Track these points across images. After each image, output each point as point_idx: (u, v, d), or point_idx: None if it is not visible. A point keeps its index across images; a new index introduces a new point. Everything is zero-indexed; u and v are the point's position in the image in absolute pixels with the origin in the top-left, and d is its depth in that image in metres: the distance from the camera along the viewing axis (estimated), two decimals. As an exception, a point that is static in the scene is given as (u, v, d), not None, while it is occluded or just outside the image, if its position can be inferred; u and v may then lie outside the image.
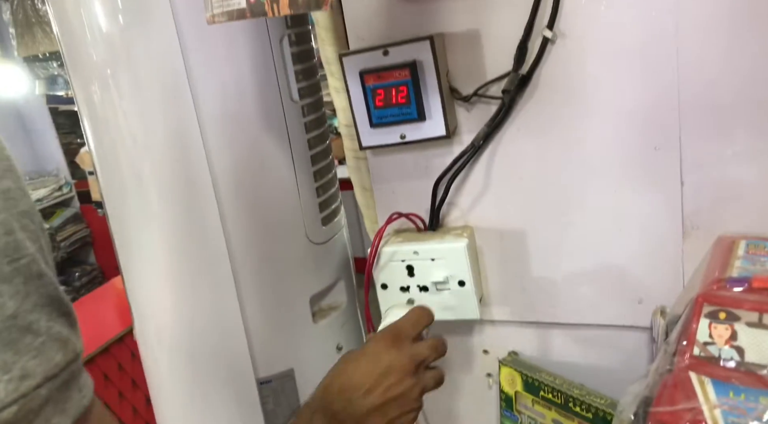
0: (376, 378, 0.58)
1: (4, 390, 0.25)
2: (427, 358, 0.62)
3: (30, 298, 0.28)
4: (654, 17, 0.61)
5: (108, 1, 0.75)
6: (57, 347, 0.28)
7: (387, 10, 0.71)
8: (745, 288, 0.48)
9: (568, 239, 0.71)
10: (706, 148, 0.63)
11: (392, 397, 0.58)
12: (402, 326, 0.63)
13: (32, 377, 0.27)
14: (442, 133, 0.70)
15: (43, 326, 0.28)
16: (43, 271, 0.29)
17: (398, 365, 0.59)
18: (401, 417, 0.59)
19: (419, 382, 0.60)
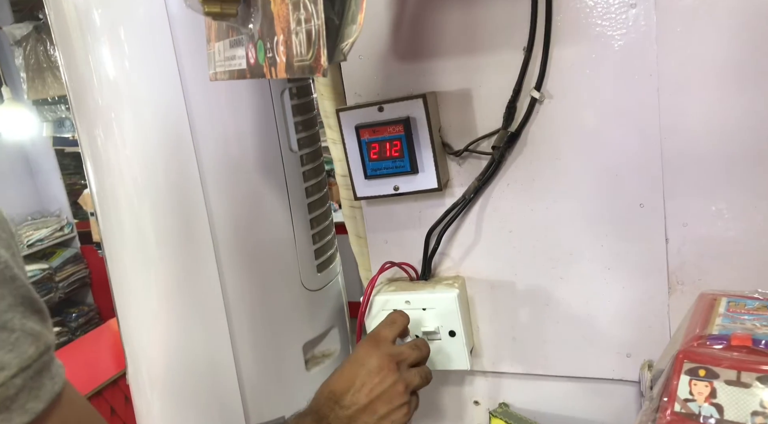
0: (360, 379, 0.61)
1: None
2: (408, 356, 0.65)
3: (5, 300, 0.31)
4: (636, 80, 0.64)
5: (116, 48, 0.79)
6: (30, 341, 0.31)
7: (383, 69, 0.75)
8: (725, 346, 0.49)
9: (558, 291, 0.73)
10: (689, 206, 0.65)
11: (377, 395, 0.61)
12: (379, 330, 0.67)
13: (8, 368, 0.29)
14: (434, 186, 0.72)
15: (17, 323, 0.31)
16: (16, 275, 0.32)
17: (378, 364, 0.62)
18: (391, 414, 0.61)
19: (402, 378, 0.62)
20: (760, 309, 0.54)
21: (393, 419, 0.61)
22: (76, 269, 3.55)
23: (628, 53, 0.64)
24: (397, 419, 0.61)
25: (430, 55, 0.72)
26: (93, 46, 0.79)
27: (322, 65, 0.37)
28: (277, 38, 0.43)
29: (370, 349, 0.64)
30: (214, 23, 0.57)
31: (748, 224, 0.63)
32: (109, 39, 0.79)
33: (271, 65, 0.45)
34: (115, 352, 2.40)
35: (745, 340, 0.48)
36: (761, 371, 0.45)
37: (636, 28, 0.63)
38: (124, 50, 0.79)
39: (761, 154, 0.61)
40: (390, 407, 0.61)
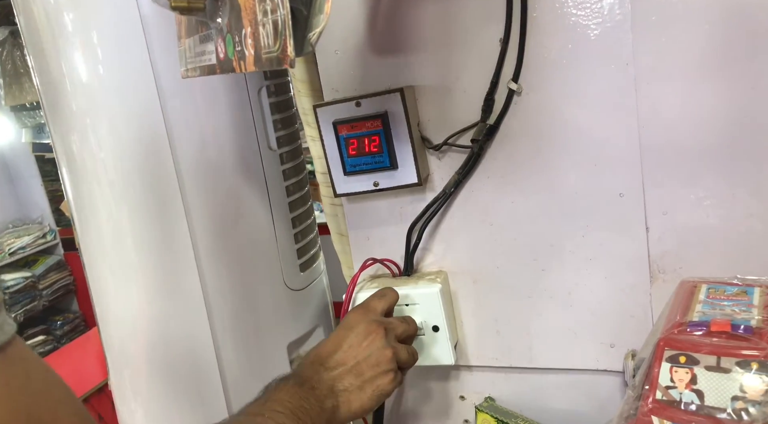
0: (348, 342, 0.60)
1: None
2: (396, 327, 0.64)
3: None
4: (613, 69, 0.64)
5: (89, 53, 0.77)
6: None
7: (360, 63, 0.74)
8: (704, 332, 0.49)
9: (540, 283, 0.72)
10: (668, 195, 0.65)
11: (364, 357, 0.60)
12: (369, 300, 0.66)
13: None
14: (414, 181, 0.72)
15: None
16: None
17: (366, 328, 0.61)
18: (377, 378, 0.59)
19: (390, 345, 0.61)
20: (739, 294, 0.54)
21: (378, 383, 0.60)
22: (60, 276, 3.51)
23: (604, 43, 0.63)
24: (382, 385, 0.60)
25: (407, 48, 0.72)
26: (65, 50, 0.78)
27: (288, 56, 0.36)
28: (245, 31, 0.42)
29: (359, 316, 0.63)
30: (183, 19, 0.56)
31: (727, 211, 0.63)
32: (82, 43, 0.77)
33: (240, 59, 0.44)
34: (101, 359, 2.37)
35: (724, 325, 0.48)
36: (740, 355, 0.45)
37: (611, 17, 0.63)
38: (97, 54, 0.78)
39: (738, 141, 0.61)
40: (377, 371, 0.60)
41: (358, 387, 0.59)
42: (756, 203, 0.61)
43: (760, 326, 0.48)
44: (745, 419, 0.41)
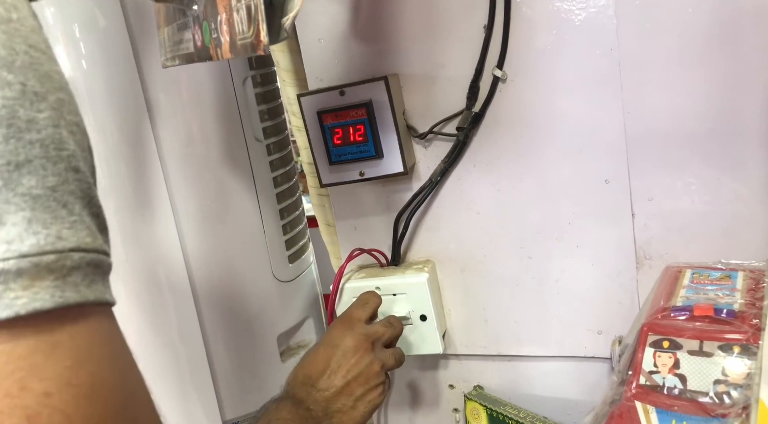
0: (336, 361, 0.61)
1: (44, 240, 0.27)
2: (382, 335, 0.65)
3: (68, 184, 0.29)
4: (597, 55, 0.64)
5: (71, 47, 0.76)
6: (87, 234, 0.29)
7: (344, 52, 0.73)
8: (687, 317, 0.49)
9: (527, 271, 0.72)
10: (654, 180, 0.65)
11: (354, 376, 0.60)
12: (352, 310, 0.66)
13: (67, 241, 0.28)
14: (400, 170, 0.71)
15: (77, 211, 0.29)
16: (82, 169, 0.30)
17: (353, 345, 0.61)
18: (368, 394, 0.61)
19: (377, 358, 0.62)
20: (722, 279, 0.54)
21: (369, 399, 0.61)
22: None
23: (588, 28, 0.63)
24: (373, 399, 0.61)
25: (392, 36, 0.71)
26: (47, 45, 0.77)
27: (262, 42, 0.36)
28: (220, 17, 0.41)
29: (344, 330, 0.63)
30: (162, 7, 0.55)
31: (713, 196, 0.63)
32: (64, 37, 0.76)
33: (217, 46, 0.44)
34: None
35: (707, 310, 0.48)
36: (723, 339, 0.45)
37: (595, 2, 0.62)
38: (80, 48, 0.77)
39: (722, 126, 0.61)
40: (366, 388, 0.61)
41: (351, 407, 0.60)
42: (740, 187, 0.61)
43: (743, 309, 0.48)
44: (727, 402, 0.41)
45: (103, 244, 0.31)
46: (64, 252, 0.28)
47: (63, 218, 0.28)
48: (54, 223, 0.28)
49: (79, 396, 0.28)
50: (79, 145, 0.31)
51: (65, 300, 0.27)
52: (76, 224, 0.29)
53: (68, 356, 0.28)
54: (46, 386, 0.27)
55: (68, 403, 0.27)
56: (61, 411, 0.27)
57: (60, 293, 0.27)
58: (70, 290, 0.28)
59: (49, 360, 0.27)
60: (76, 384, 0.28)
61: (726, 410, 0.40)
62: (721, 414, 0.40)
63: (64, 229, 0.28)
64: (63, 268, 0.28)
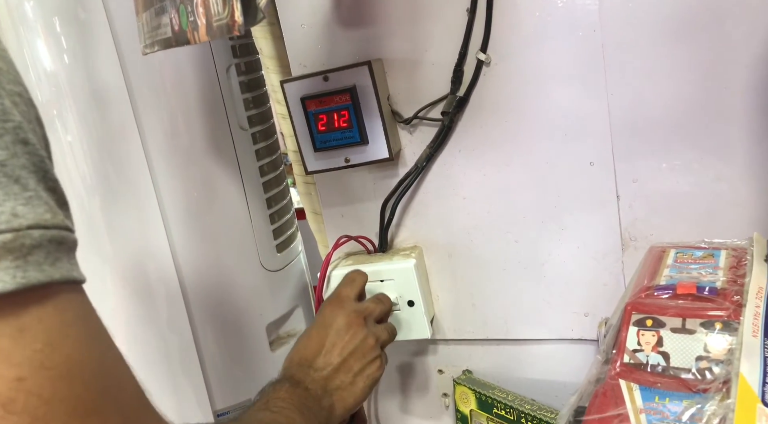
0: (330, 340, 0.60)
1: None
2: (373, 310, 0.65)
3: (18, 158, 0.27)
4: (580, 36, 0.63)
5: (52, 42, 0.75)
6: (46, 209, 0.28)
7: (327, 37, 0.73)
8: (671, 295, 0.49)
9: (514, 255, 0.72)
10: (638, 162, 0.65)
11: (349, 352, 0.60)
12: (340, 289, 0.66)
13: (23, 218, 0.26)
14: (386, 156, 0.71)
15: (32, 185, 0.27)
16: (31, 141, 0.28)
17: (346, 322, 0.61)
18: (366, 368, 0.60)
19: (371, 333, 0.62)
20: (705, 258, 0.54)
21: (368, 373, 0.61)
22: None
23: (571, 9, 0.63)
24: (371, 374, 0.61)
25: (375, 21, 0.70)
26: (27, 39, 0.76)
27: (237, 22, 0.35)
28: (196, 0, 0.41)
29: (335, 309, 0.63)
30: (139, -8, 0.54)
31: (696, 177, 0.63)
32: (44, 31, 0.75)
33: (194, 30, 0.43)
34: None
35: (690, 288, 0.48)
36: (705, 316, 0.45)
37: (577, -16, 0.62)
38: (61, 43, 0.76)
39: (706, 106, 0.61)
40: (364, 362, 0.60)
41: (350, 383, 0.59)
42: (724, 168, 0.61)
43: (725, 287, 0.48)
44: (709, 378, 0.42)
45: (65, 219, 0.29)
46: (21, 230, 0.26)
47: (16, 193, 0.27)
48: (7, 199, 0.26)
49: (55, 379, 0.27)
50: (25, 116, 0.29)
51: (28, 281, 0.26)
52: (32, 200, 0.27)
53: (38, 339, 0.27)
54: (18, 372, 0.26)
55: (44, 386, 0.27)
56: (37, 395, 0.26)
57: (22, 274, 0.26)
58: (32, 269, 0.26)
59: (17, 345, 0.26)
60: (50, 367, 0.27)
61: (707, 386, 0.40)
62: (702, 389, 0.41)
63: (19, 205, 0.26)
64: (22, 247, 0.26)
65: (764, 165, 0.60)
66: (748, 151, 0.60)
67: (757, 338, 0.42)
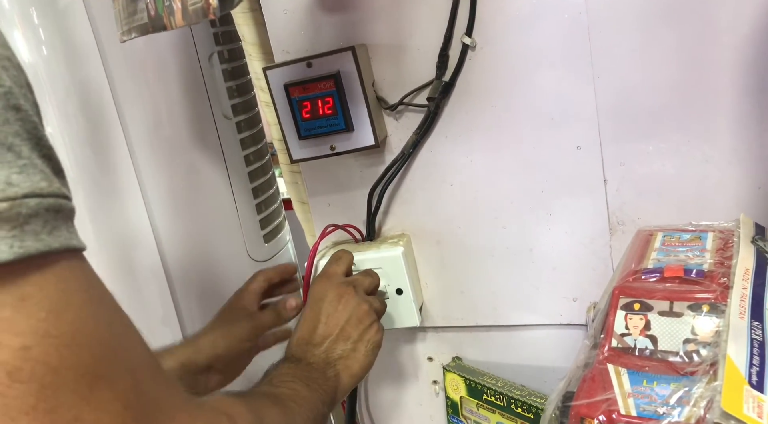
0: (324, 313, 0.60)
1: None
2: (362, 282, 0.65)
3: (10, 125, 0.27)
4: (566, 19, 0.63)
5: (30, 34, 0.73)
6: (41, 177, 0.27)
7: (310, 23, 0.72)
8: (658, 278, 0.49)
9: (502, 241, 0.72)
10: (625, 146, 0.64)
11: (345, 320, 0.60)
12: (327, 268, 0.66)
13: (18, 186, 0.26)
14: (371, 143, 0.70)
15: (26, 153, 0.27)
16: (24, 107, 0.28)
17: (336, 293, 0.61)
18: (365, 333, 0.60)
19: (363, 299, 0.62)
20: (693, 240, 0.54)
21: (368, 338, 0.61)
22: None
23: (556, -9, 0.62)
24: (371, 338, 0.61)
25: (358, 5, 0.69)
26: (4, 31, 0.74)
27: (211, 5, 0.34)
28: (171, -17, 0.40)
29: (324, 284, 0.63)
30: (114, -23, 0.53)
31: (683, 160, 0.63)
32: (21, 24, 0.73)
33: (170, 15, 0.42)
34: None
35: (678, 271, 0.48)
36: (692, 299, 0.45)
37: (562, -35, 0.61)
38: (39, 34, 0.74)
39: (692, 88, 0.60)
40: (361, 328, 0.61)
41: (352, 349, 0.59)
42: (710, 149, 0.61)
43: (712, 269, 0.48)
44: (696, 360, 0.42)
45: (61, 187, 0.29)
46: (17, 199, 0.26)
47: (10, 161, 0.26)
48: (0, 168, 0.26)
49: (61, 346, 0.27)
50: (15, 81, 0.28)
51: (26, 250, 0.26)
52: (26, 168, 0.26)
53: (41, 308, 0.26)
54: (22, 341, 0.26)
55: (50, 354, 0.26)
56: (43, 363, 0.26)
57: (19, 243, 0.26)
58: (29, 239, 0.26)
59: (19, 314, 0.26)
60: (56, 335, 0.27)
61: (695, 368, 0.40)
62: (690, 372, 0.40)
63: (14, 174, 0.26)
64: (18, 216, 0.26)
65: (750, 147, 0.59)
66: (734, 133, 0.60)
67: (744, 319, 0.42)
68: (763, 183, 0.60)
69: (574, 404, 0.43)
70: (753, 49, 0.57)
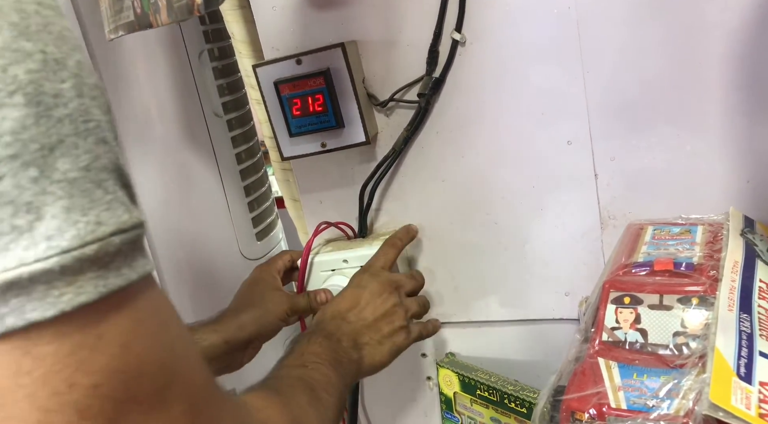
0: (364, 299, 0.62)
1: (84, 229, 0.26)
2: (405, 283, 0.67)
3: (100, 160, 0.27)
4: (555, 14, 0.63)
5: None
6: (123, 210, 0.28)
7: (299, 19, 0.71)
8: (648, 272, 0.49)
9: (494, 236, 0.72)
10: (615, 140, 0.64)
11: (381, 314, 0.62)
12: (373, 261, 0.68)
13: (106, 225, 0.26)
14: (362, 140, 0.70)
15: (111, 187, 0.27)
16: (109, 139, 0.28)
17: (379, 287, 0.64)
18: (393, 335, 0.62)
19: (402, 303, 0.64)
20: (683, 234, 0.54)
21: (394, 340, 0.63)
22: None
23: (545, -14, 0.62)
24: (398, 341, 0.63)
25: (348, 1, 0.69)
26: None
27: (196, 1, 0.34)
28: (156, -20, 0.39)
29: (369, 277, 0.65)
30: (100, -25, 0.53)
31: (673, 153, 0.63)
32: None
33: (156, 12, 0.42)
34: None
35: (667, 264, 0.48)
36: (682, 292, 0.45)
37: (551, -40, 0.61)
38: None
39: (681, 81, 0.60)
40: (392, 328, 0.62)
41: (378, 341, 0.61)
42: (699, 143, 0.61)
43: (701, 262, 0.48)
44: (686, 353, 0.42)
45: (139, 216, 0.29)
46: (104, 238, 0.26)
47: (99, 199, 0.27)
48: (92, 207, 0.26)
49: (129, 380, 0.27)
50: (102, 110, 0.28)
51: (109, 289, 0.26)
52: (112, 203, 0.27)
53: (114, 343, 0.27)
54: (94, 380, 0.26)
55: (117, 389, 0.27)
56: (112, 398, 0.27)
57: (103, 282, 0.26)
58: (113, 276, 0.27)
59: (95, 353, 0.26)
60: (124, 370, 0.27)
61: (684, 361, 0.40)
62: (679, 365, 0.41)
63: (102, 211, 0.26)
64: (106, 255, 0.26)
65: (739, 140, 0.60)
66: (723, 126, 0.60)
67: (732, 312, 0.42)
68: (752, 176, 0.60)
69: (564, 398, 0.43)
70: (741, 43, 0.57)
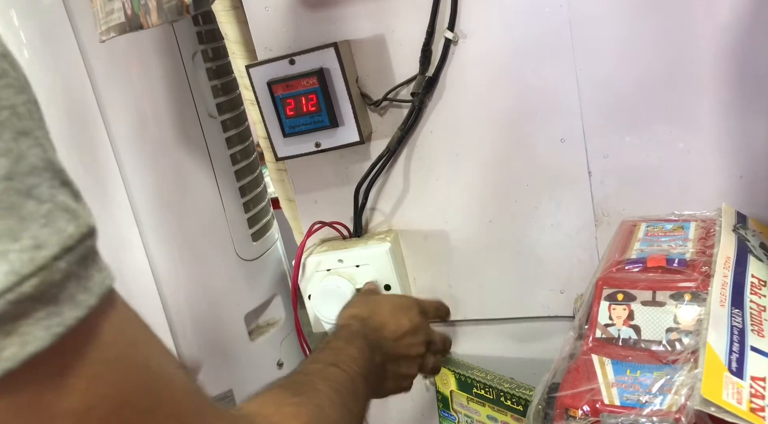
0: (407, 331, 0.63)
1: (18, 261, 0.20)
2: (435, 338, 0.68)
3: (25, 160, 0.22)
4: (547, 12, 0.63)
5: (10, 36, 0.73)
6: (67, 218, 0.23)
7: (292, 19, 0.71)
8: (641, 268, 0.49)
9: (488, 235, 0.72)
10: (608, 137, 0.65)
11: (408, 355, 0.63)
12: (428, 305, 0.69)
13: (47, 247, 0.21)
14: (356, 140, 0.70)
15: (46, 192, 0.22)
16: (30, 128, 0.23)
17: (421, 331, 0.65)
18: (404, 379, 0.64)
19: (425, 357, 0.66)
20: (675, 230, 0.54)
21: (402, 384, 0.64)
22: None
23: (537, -15, 0.62)
24: (402, 384, 0.64)
25: (341, 1, 0.69)
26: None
27: (185, 2, 0.34)
28: (146, -19, 0.39)
29: (419, 314, 0.65)
30: (91, -23, 0.53)
31: (666, 150, 0.63)
32: (2, 24, 0.73)
33: (146, 13, 0.42)
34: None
35: (660, 260, 0.48)
36: (674, 288, 0.45)
37: (542, -42, 0.61)
38: (20, 36, 0.73)
39: (674, 78, 0.61)
40: (407, 371, 0.64)
41: (393, 374, 0.62)
42: (692, 139, 0.61)
43: (694, 258, 0.48)
44: (678, 349, 0.42)
45: (87, 218, 0.24)
46: (47, 266, 0.21)
47: (32, 213, 0.21)
48: (24, 228, 0.21)
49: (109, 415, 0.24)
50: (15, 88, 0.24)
51: (65, 326, 0.22)
52: (51, 215, 0.22)
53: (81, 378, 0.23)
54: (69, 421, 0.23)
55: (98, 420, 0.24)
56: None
57: (58, 320, 0.22)
58: (67, 308, 0.22)
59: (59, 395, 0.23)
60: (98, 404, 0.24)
61: (677, 356, 0.41)
62: (672, 360, 0.41)
63: (39, 229, 0.21)
64: (52, 287, 0.22)
65: (731, 136, 0.60)
66: (715, 122, 0.60)
67: (724, 307, 0.42)
68: (744, 172, 0.60)
69: (558, 395, 0.43)
70: (733, 38, 0.58)
